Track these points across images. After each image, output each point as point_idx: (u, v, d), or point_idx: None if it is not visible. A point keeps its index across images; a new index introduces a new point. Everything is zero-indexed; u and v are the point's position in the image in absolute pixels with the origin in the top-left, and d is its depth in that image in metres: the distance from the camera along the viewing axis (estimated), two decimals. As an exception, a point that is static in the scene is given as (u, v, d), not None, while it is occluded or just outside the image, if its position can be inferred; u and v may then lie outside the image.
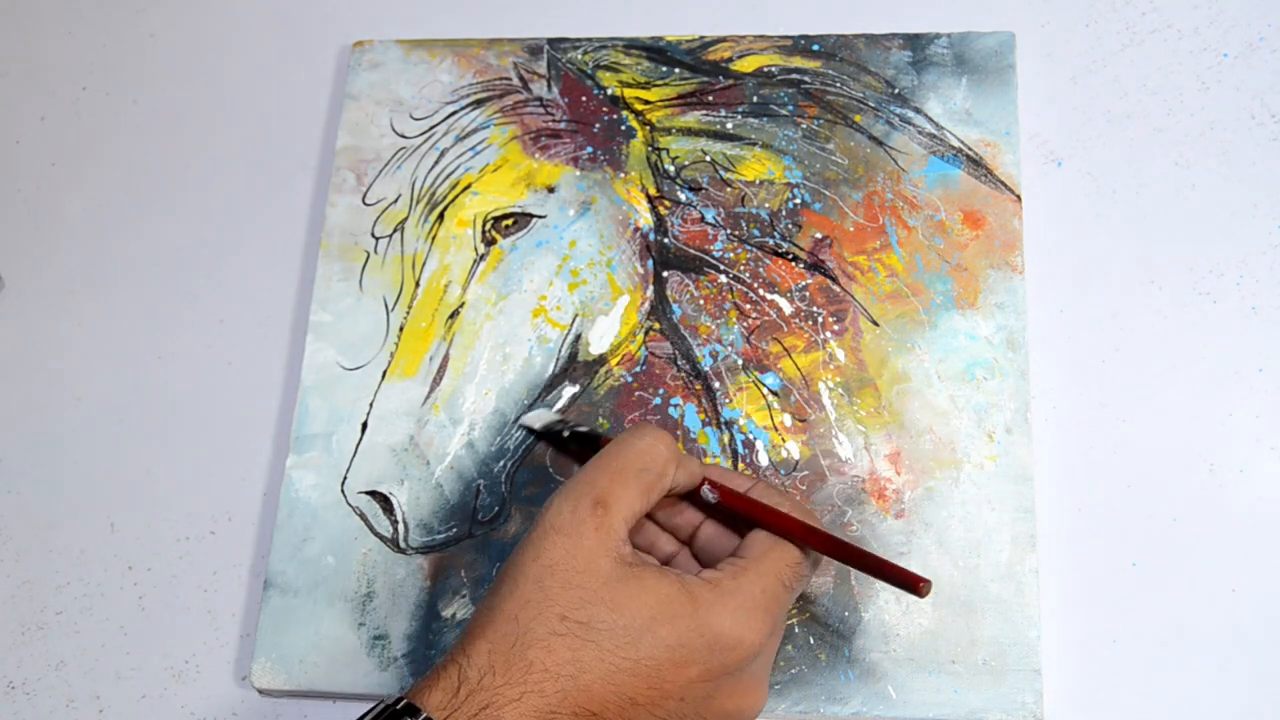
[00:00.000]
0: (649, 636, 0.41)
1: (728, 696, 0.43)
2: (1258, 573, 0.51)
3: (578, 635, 0.40)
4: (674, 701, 0.41)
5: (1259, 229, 0.56)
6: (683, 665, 0.41)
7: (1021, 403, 0.53)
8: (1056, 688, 0.50)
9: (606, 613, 0.41)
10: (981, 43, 0.59)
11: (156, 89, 0.67)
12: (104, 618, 0.56)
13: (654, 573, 0.42)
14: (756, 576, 0.43)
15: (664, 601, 0.41)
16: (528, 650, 0.40)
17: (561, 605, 0.41)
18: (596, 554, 0.42)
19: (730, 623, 0.42)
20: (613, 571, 0.42)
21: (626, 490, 0.43)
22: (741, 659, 0.42)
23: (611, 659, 0.40)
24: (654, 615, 0.41)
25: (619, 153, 0.60)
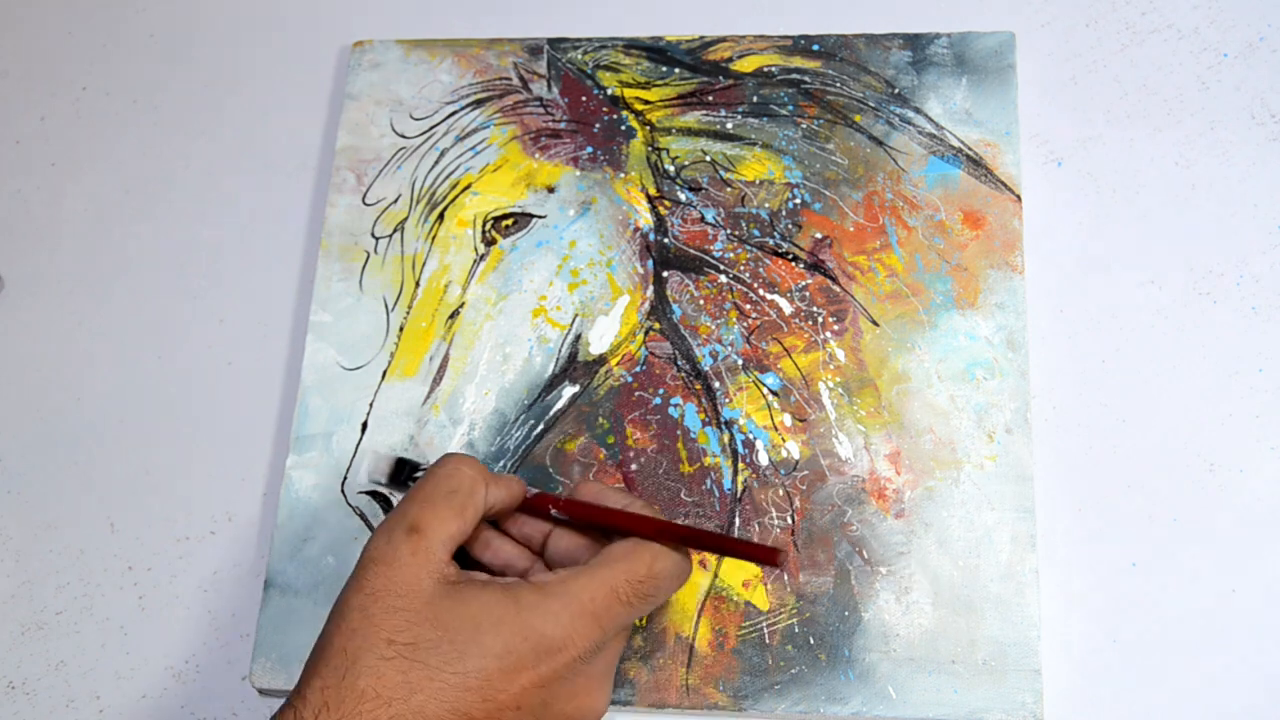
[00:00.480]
0: (475, 647, 0.41)
1: (565, 700, 0.43)
2: (1258, 573, 0.51)
3: (405, 657, 0.41)
4: (511, 712, 0.41)
5: (1259, 229, 0.56)
6: (512, 673, 0.41)
7: (1021, 403, 0.53)
8: (1056, 688, 0.50)
9: (431, 630, 0.41)
10: (981, 43, 0.59)
11: (156, 89, 0.67)
12: (104, 618, 0.56)
13: (477, 585, 0.43)
14: (587, 583, 0.43)
15: (486, 610, 0.42)
16: (358, 680, 0.40)
17: (387, 630, 0.41)
18: (416, 577, 0.42)
19: (553, 625, 0.42)
20: (434, 590, 0.42)
21: (437, 513, 0.43)
22: (571, 661, 0.42)
23: (441, 676, 0.40)
24: (478, 625, 0.41)
25: (619, 153, 0.60)
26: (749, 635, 0.51)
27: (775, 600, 0.51)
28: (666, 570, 0.44)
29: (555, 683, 0.42)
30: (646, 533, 0.45)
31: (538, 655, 0.42)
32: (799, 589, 0.51)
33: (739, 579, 0.51)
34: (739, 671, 0.50)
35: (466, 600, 0.42)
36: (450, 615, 0.42)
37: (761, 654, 0.50)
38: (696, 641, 0.51)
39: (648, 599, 0.44)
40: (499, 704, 0.41)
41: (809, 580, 0.51)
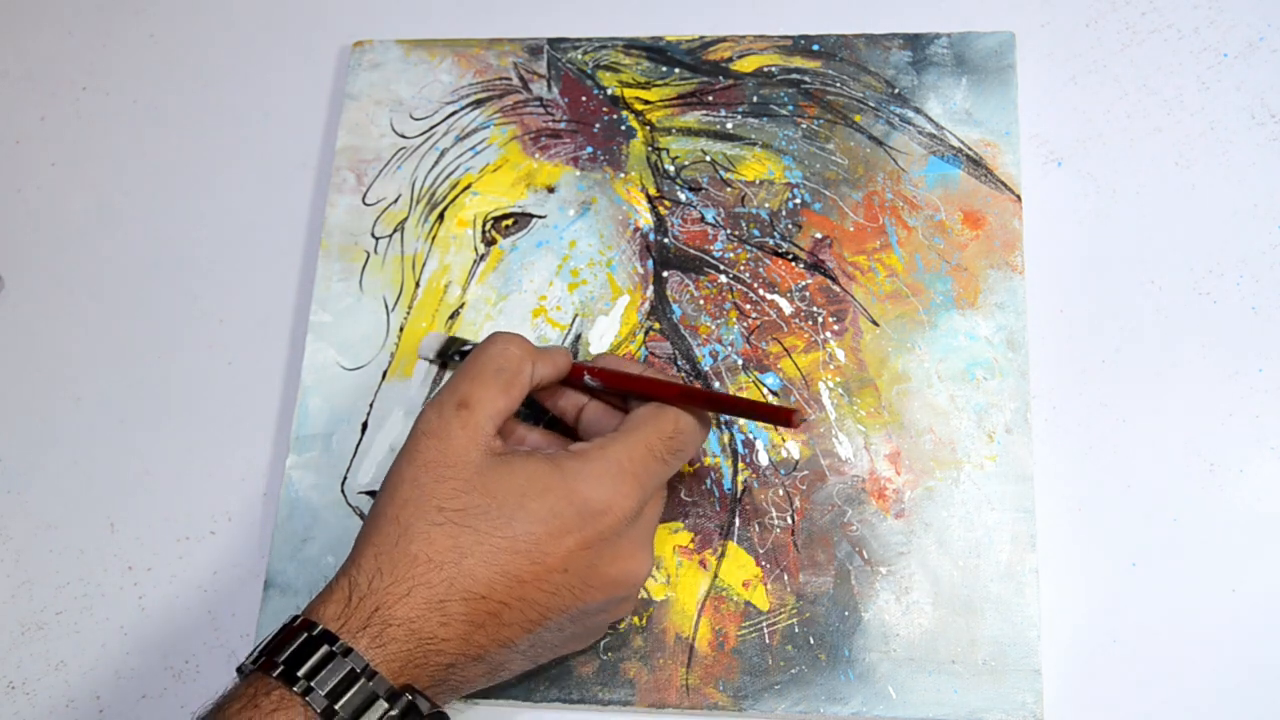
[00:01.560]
0: (521, 513, 0.43)
1: (610, 563, 0.44)
2: (1258, 573, 0.51)
3: (455, 523, 0.43)
4: (558, 574, 0.43)
5: (1259, 229, 0.56)
6: (559, 535, 0.43)
7: (1021, 403, 0.53)
8: (1056, 688, 0.50)
9: (480, 498, 0.43)
10: (981, 43, 0.59)
11: (156, 89, 0.67)
12: (104, 618, 0.56)
13: (522, 456, 0.45)
14: (624, 446, 0.45)
15: (532, 478, 0.44)
16: (410, 545, 0.42)
17: (438, 498, 0.43)
18: (465, 448, 0.44)
19: (596, 488, 0.44)
20: (482, 461, 0.44)
21: (486, 390, 0.45)
22: (615, 523, 0.44)
23: (490, 540, 0.42)
24: (524, 492, 0.43)
25: (619, 153, 0.60)
26: (749, 635, 0.51)
27: (775, 600, 0.51)
28: (691, 425, 0.47)
29: (600, 544, 0.44)
30: (669, 396, 0.47)
31: (583, 518, 0.43)
32: (799, 589, 0.51)
33: (739, 579, 0.52)
34: (739, 671, 0.50)
35: (513, 469, 0.44)
36: (498, 483, 0.43)
37: (761, 654, 0.50)
38: (696, 641, 0.51)
39: (679, 453, 0.46)
40: (547, 566, 0.43)
41: (809, 580, 0.51)
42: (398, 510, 0.43)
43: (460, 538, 0.42)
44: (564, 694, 0.50)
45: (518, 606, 0.43)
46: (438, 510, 0.43)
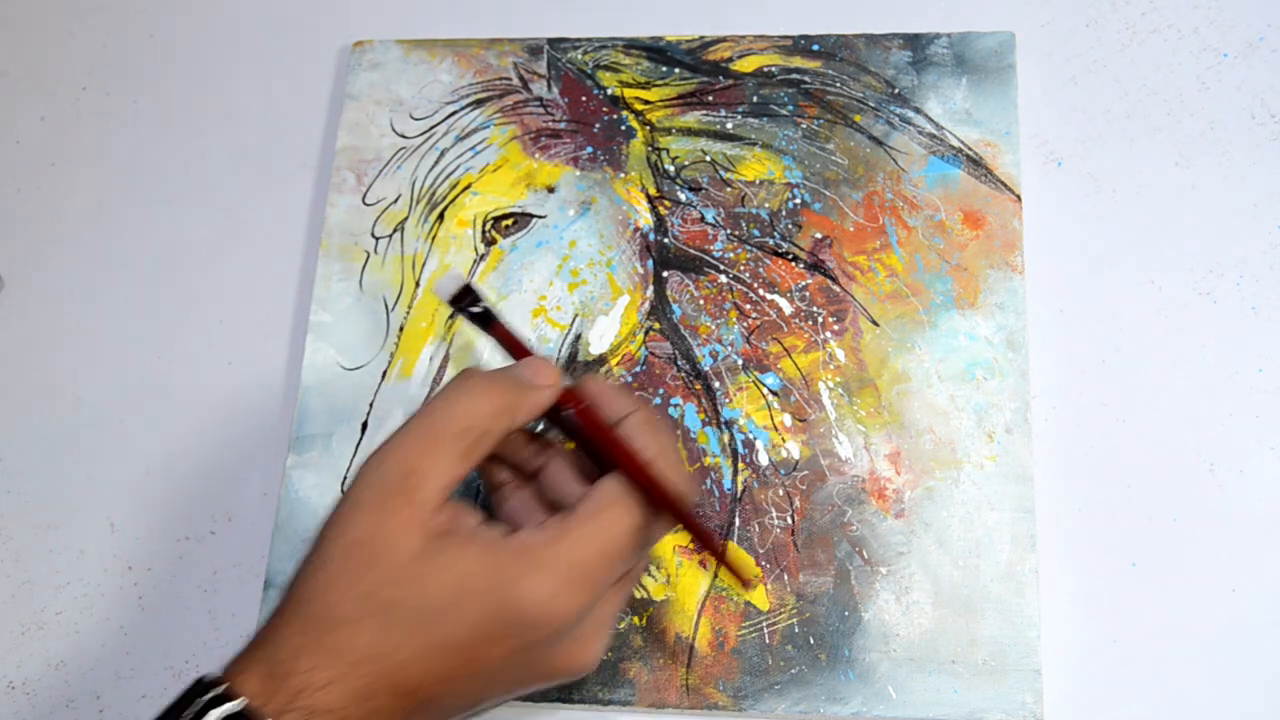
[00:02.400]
0: (454, 614, 0.39)
1: (550, 661, 0.41)
2: (1258, 573, 0.51)
3: (383, 615, 0.39)
4: (495, 672, 0.40)
5: (1259, 229, 0.56)
6: (491, 642, 0.40)
7: (1021, 403, 0.53)
8: (1056, 688, 0.50)
9: (411, 592, 0.39)
10: (981, 43, 0.59)
11: (156, 89, 0.67)
12: (104, 618, 0.56)
13: (460, 544, 0.40)
14: (578, 540, 0.40)
15: (468, 578, 0.39)
16: (336, 632, 0.39)
17: (366, 585, 0.39)
18: (402, 533, 0.40)
19: (536, 598, 0.39)
20: (418, 548, 0.39)
21: (440, 458, 0.40)
22: (553, 633, 0.40)
23: (420, 639, 0.39)
24: (458, 592, 0.39)
25: (619, 153, 0.60)
26: (749, 635, 0.51)
27: (775, 600, 0.51)
28: (661, 525, 0.42)
29: (539, 647, 0.40)
30: (640, 483, 0.41)
31: (520, 628, 0.40)
32: (799, 589, 0.51)
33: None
34: (739, 671, 0.50)
35: (449, 564, 0.39)
36: (431, 578, 0.39)
37: (761, 654, 0.50)
38: (696, 641, 0.51)
39: (640, 547, 0.42)
40: (480, 666, 0.40)
41: (809, 580, 0.51)
42: (322, 589, 0.39)
43: (389, 633, 0.39)
44: (564, 694, 0.50)
45: (452, 695, 0.41)
46: (364, 598, 0.39)
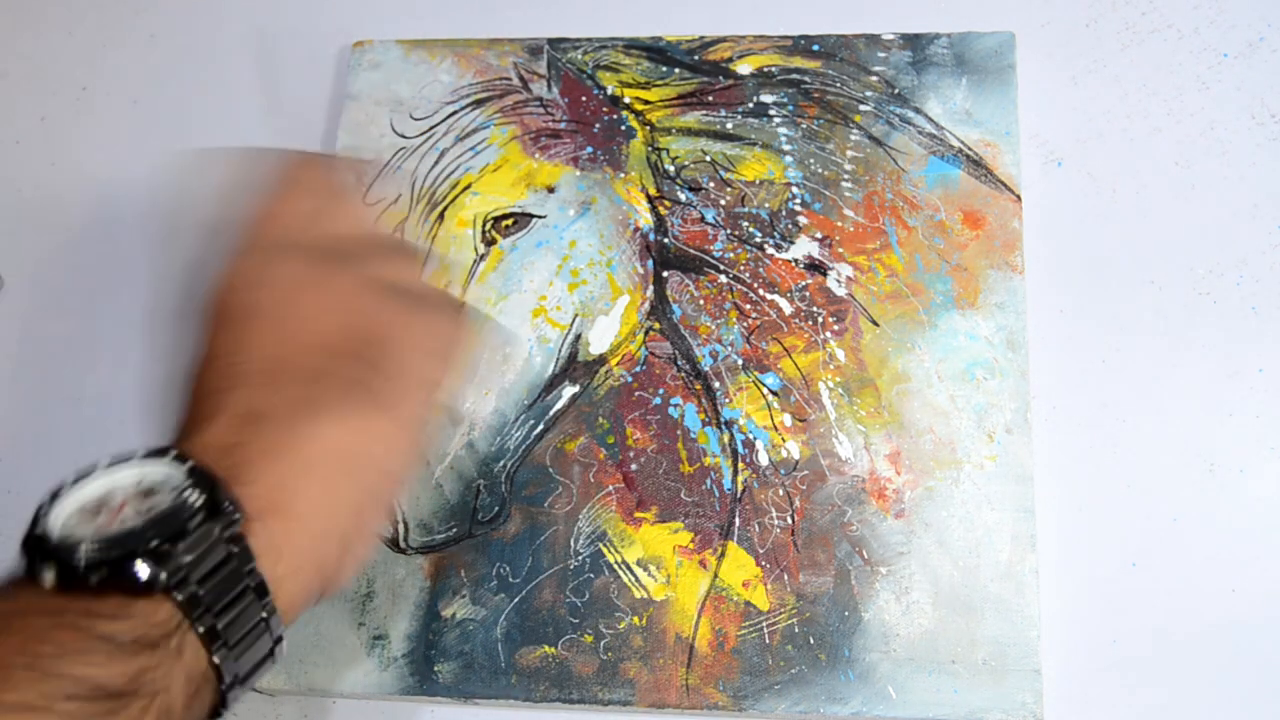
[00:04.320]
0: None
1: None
2: (1258, 573, 0.51)
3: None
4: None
5: (1259, 229, 0.56)
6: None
7: (1021, 403, 0.53)
8: (1056, 688, 0.50)
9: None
10: (981, 43, 0.59)
11: (156, 89, 0.67)
12: (104, 618, 0.56)
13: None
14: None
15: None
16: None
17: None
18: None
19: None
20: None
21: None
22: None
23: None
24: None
25: (619, 153, 0.60)
26: (749, 635, 0.51)
27: (775, 600, 0.51)
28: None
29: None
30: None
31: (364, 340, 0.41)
32: (799, 589, 0.51)
33: (739, 579, 0.52)
34: (739, 671, 0.50)
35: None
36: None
37: (761, 654, 0.50)
38: (696, 641, 0.51)
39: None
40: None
41: (809, 580, 0.51)
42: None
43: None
44: (564, 694, 0.50)
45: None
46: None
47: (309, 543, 0.37)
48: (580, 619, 0.51)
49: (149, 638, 0.33)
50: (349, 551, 0.39)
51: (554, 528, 0.53)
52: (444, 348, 0.43)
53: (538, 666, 0.51)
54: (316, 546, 0.38)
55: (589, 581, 0.52)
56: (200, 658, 0.34)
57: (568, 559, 0.52)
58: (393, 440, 0.40)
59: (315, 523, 0.38)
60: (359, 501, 0.39)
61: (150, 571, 0.33)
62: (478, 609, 0.52)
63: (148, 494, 0.35)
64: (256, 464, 0.37)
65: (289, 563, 0.37)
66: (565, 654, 0.51)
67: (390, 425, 0.39)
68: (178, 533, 0.34)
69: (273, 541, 0.36)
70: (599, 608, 0.52)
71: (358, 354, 0.40)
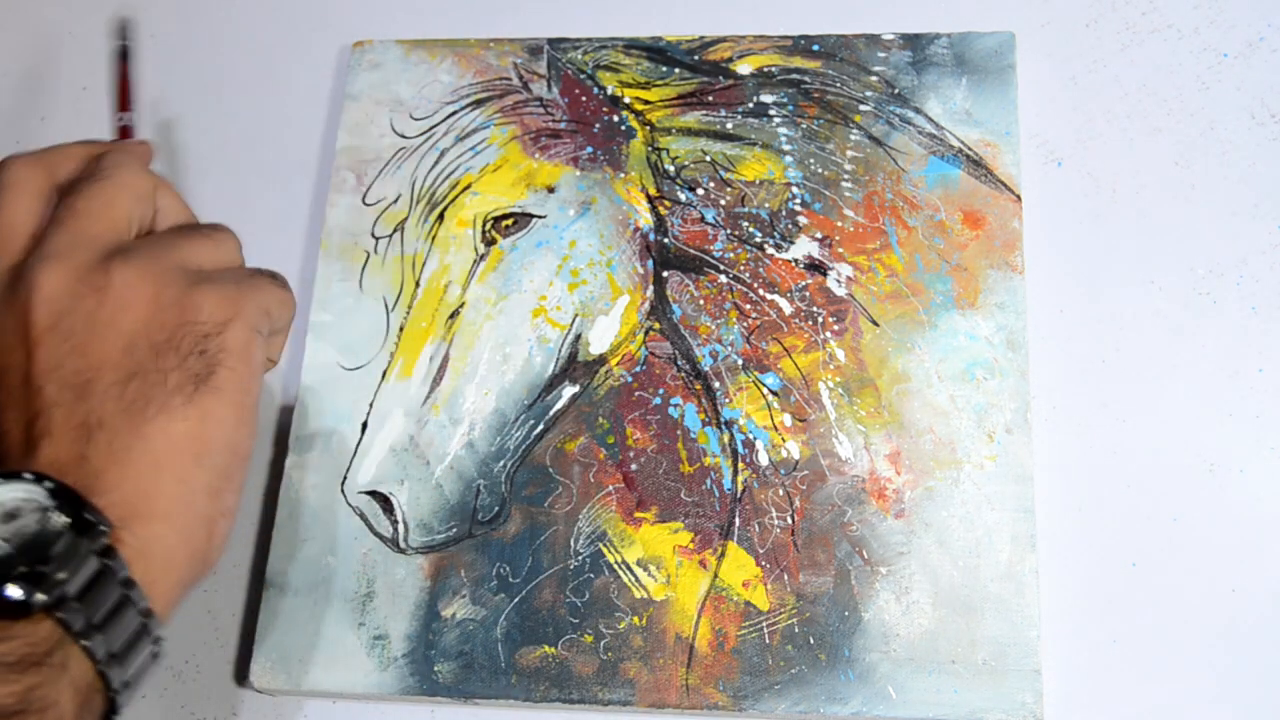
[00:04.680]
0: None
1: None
2: (1258, 573, 0.51)
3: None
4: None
5: (1259, 229, 0.56)
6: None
7: (1021, 403, 0.53)
8: (1056, 688, 0.50)
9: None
10: (981, 43, 0.59)
11: (157, 89, 0.67)
12: (104, 618, 0.56)
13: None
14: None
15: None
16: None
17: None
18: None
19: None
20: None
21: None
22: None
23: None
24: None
25: (619, 153, 0.60)
26: (749, 635, 0.51)
27: (775, 600, 0.51)
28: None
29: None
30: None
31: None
32: (799, 589, 0.51)
33: (739, 579, 0.52)
34: (739, 671, 0.50)
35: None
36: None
37: (761, 654, 0.50)
38: (696, 641, 0.51)
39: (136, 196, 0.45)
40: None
41: (809, 580, 0.51)
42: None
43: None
44: (564, 694, 0.50)
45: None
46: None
47: (176, 538, 0.39)
48: (580, 619, 0.51)
49: (33, 656, 0.34)
50: (214, 533, 0.40)
51: (554, 528, 0.53)
52: (261, 318, 0.43)
53: (538, 666, 0.51)
54: (184, 539, 0.39)
55: (589, 581, 0.52)
56: (86, 669, 0.35)
57: (568, 559, 0.53)
58: (230, 419, 0.40)
59: (178, 518, 0.39)
60: (212, 484, 0.40)
61: (25, 594, 0.34)
62: (478, 609, 0.52)
63: (10, 517, 0.35)
64: (107, 473, 0.37)
65: (160, 562, 0.38)
66: (565, 654, 0.51)
67: (223, 405, 0.40)
68: (48, 553, 0.35)
69: (142, 546, 0.37)
70: (599, 608, 0.52)
71: (171, 344, 0.40)
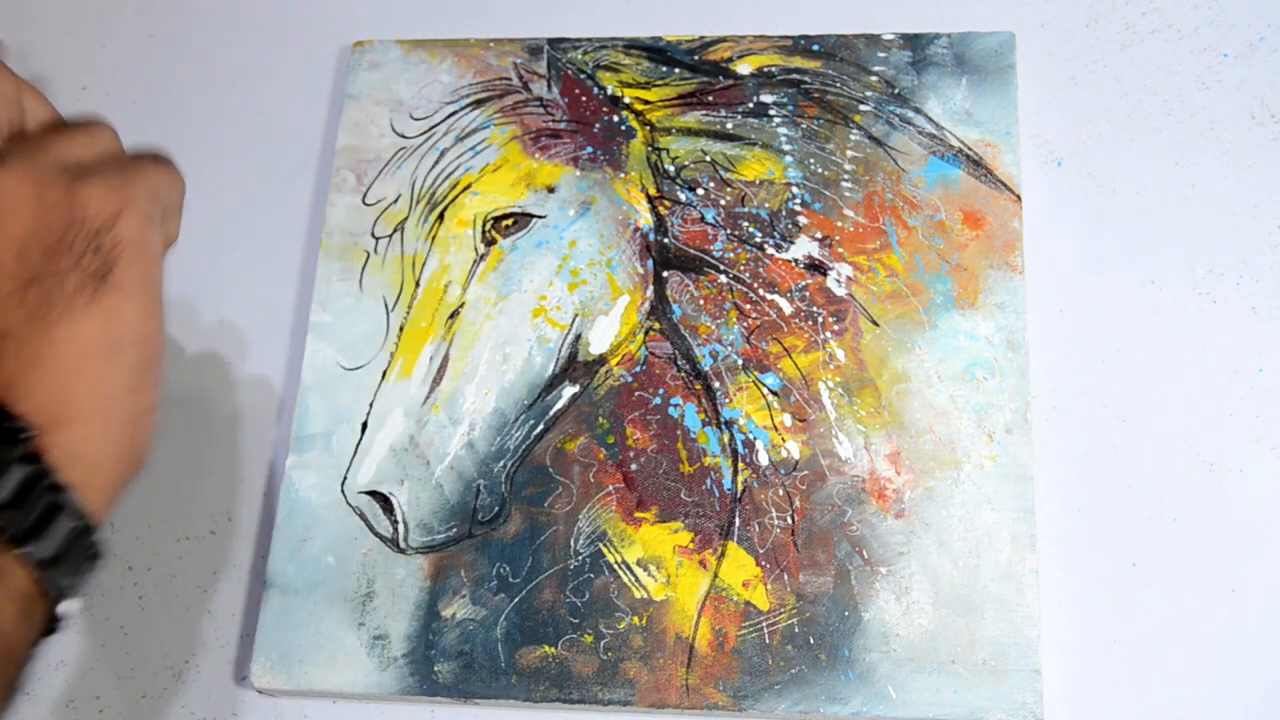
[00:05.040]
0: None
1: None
2: (1258, 573, 0.51)
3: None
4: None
5: (1259, 229, 0.56)
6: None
7: (1021, 403, 0.53)
8: (1056, 688, 0.50)
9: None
10: (981, 43, 0.59)
11: (156, 89, 0.67)
12: (104, 618, 0.56)
13: None
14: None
15: None
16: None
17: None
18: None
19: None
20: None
21: None
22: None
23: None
24: None
25: (619, 153, 0.60)
26: (749, 635, 0.51)
27: (775, 600, 0.51)
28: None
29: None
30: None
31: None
32: (799, 589, 0.51)
33: (739, 579, 0.52)
34: (739, 671, 0.50)
35: None
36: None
37: (761, 654, 0.50)
38: (696, 641, 0.51)
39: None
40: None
41: (809, 580, 0.51)
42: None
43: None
44: (564, 694, 0.50)
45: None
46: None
47: (101, 438, 0.38)
48: (580, 619, 0.51)
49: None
50: (139, 429, 0.40)
51: (554, 528, 0.53)
52: (152, 203, 0.42)
53: (538, 666, 0.51)
54: (110, 439, 0.39)
55: (589, 581, 0.52)
56: (22, 578, 0.35)
57: (568, 559, 0.53)
58: (136, 312, 0.40)
59: (100, 418, 0.38)
60: (129, 381, 0.40)
61: None
62: (478, 609, 0.52)
63: None
64: (22, 381, 0.37)
65: (89, 463, 0.37)
66: (565, 654, 0.51)
67: (128, 299, 0.39)
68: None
69: (68, 449, 0.37)
70: (599, 608, 0.52)
71: (64, 244, 0.39)
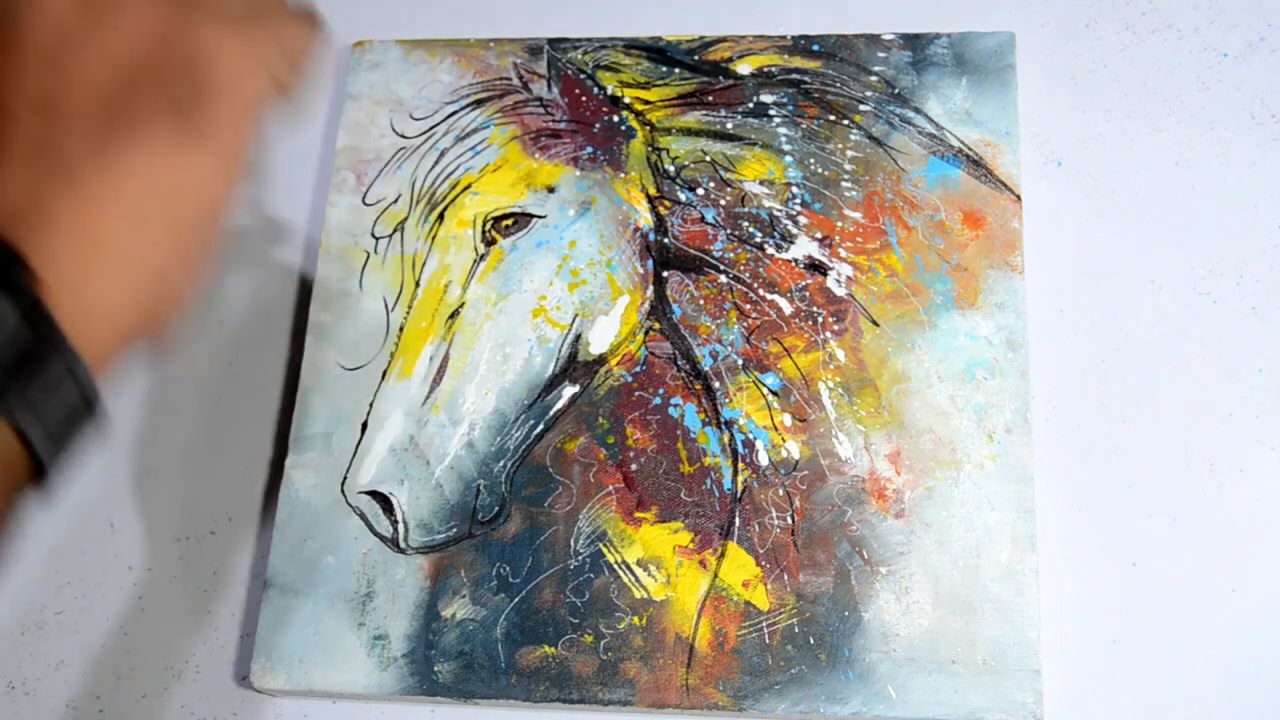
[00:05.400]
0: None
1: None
2: (1258, 573, 0.51)
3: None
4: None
5: (1259, 229, 0.56)
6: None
7: (1021, 403, 0.53)
8: (1056, 688, 0.50)
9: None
10: (981, 43, 0.59)
11: (156, 89, 0.67)
12: (104, 618, 0.56)
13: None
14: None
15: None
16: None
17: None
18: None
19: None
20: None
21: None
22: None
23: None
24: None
25: (619, 153, 0.60)
26: (749, 635, 0.51)
27: (775, 600, 0.51)
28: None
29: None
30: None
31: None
32: (799, 589, 0.51)
33: (739, 579, 0.52)
34: (739, 671, 0.50)
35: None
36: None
37: (761, 654, 0.50)
38: (696, 641, 0.51)
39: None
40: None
41: (809, 580, 0.51)
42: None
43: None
44: (564, 694, 0.50)
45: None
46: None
47: (116, 272, 0.35)
48: (580, 619, 0.52)
49: None
50: (168, 288, 0.37)
51: (554, 528, 0.53)
52: (273, 61, 0.40)
53: (538, 666, 0.51)
54: (128, 283, 0.36)
55: (589, 581, 0.52)
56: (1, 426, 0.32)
57: (568, 559, 0.53)
58: (209, 168, 0.37)
59: (124, 253, 0.35)
60: (175, 234, 0.37)
61: None
62: (478, 609, 0.52)
63: None
64: (57, 204, 0.35)
65: (91, 295, 0.34)
66: (565, 654, 0.51)
67: (205, 153, 0.37)
68: None
69: (66, 274, 0.34)
70: (599, 608, 0.52)
71: (162, 80, 0.37)
